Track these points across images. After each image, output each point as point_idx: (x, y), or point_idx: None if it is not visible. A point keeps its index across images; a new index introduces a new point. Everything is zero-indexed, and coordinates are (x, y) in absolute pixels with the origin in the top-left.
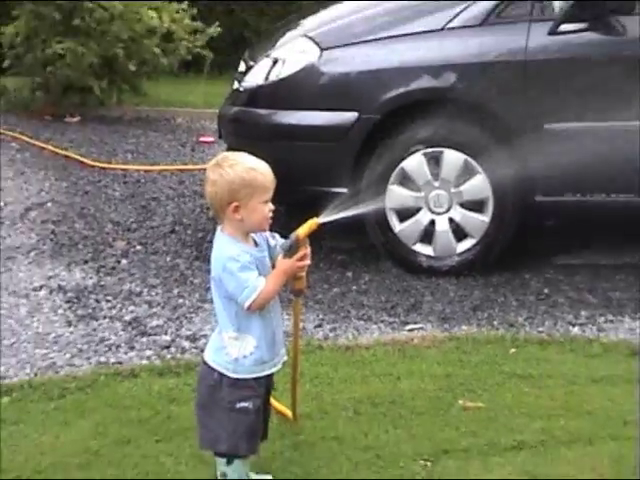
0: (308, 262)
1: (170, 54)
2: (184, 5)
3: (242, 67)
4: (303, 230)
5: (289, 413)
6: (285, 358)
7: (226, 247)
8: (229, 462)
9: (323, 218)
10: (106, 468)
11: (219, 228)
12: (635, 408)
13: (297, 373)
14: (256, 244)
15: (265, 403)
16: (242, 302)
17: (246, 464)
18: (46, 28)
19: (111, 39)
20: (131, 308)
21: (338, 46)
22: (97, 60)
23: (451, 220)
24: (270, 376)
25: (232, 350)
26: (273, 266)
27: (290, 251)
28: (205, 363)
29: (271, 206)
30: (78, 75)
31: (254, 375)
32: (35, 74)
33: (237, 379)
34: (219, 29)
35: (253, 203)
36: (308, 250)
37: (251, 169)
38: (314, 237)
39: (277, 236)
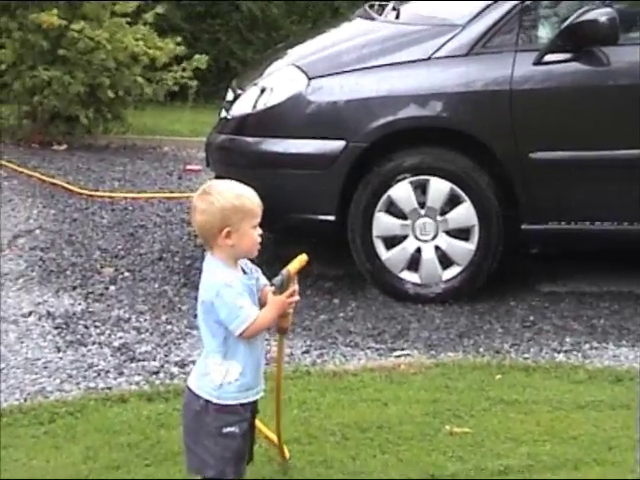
0: (297, 298)
1: (155, 84)
2: (168, 39)
3: (230, 95)
4: (293, 266)
5: (274, 438)
6: (263, 385)
7: (219, 273)
8: None
9: None
10: None
11: (208, 254)
12: (620, 434)
13: (280, 416)
14: (244, 272)
15: (251, 426)
16: (235, 329)
17: None
18: (33, 56)
19: (97, 67)
20: (120, 334)
21: (325, 75)
22: (83, 89)
23: (437, 248)
24: (255, 400)
25: (217, 376)
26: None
27: (282, 287)
28: (189, 389)
29: (259, 231)
30: (65, 104)
31: (239, 401)
32: (22, 102)
33: (223, 405)
34: (206, 58)
35: (244, 228)
36: (297, 287)
37: (240, 195)
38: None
39: (259, 271)
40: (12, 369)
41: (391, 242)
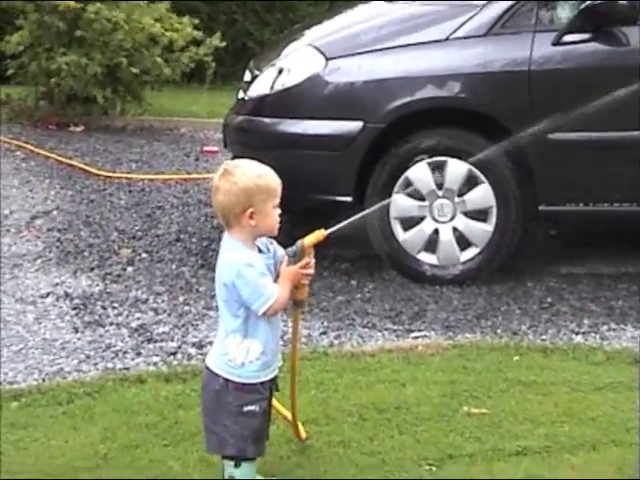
0: (311, 271)
1: (172, 63)
2: (185, 18)
3: (247, 76)
4: (309, 239)
5: (289, 415)
6: (280, 363)
7: (240, 253)
8: (237, 465)
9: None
10: (114, 472)
11: (227, 234)
12: (637, 415)
13: (295, 391)
14: (260, 250)
15: (268, 404)
16: (258, 308)
17: (253, 466)
18: (50, 38)
19: (114, 49)
20: (137, 315)
21: (343, 56)
22: (100, 70)
23: (455, 229)
24: (274, 378)
25: (238, 355)
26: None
27: (294, 258)
28: (208, 369)
29: (279, 211)
30: (82, 86)
31: (259, 380)
32: (39, 83)
33: (243, 384)
34: (220, 41)
35: (267, 208)
36: (312, 260)
37: (262, 175)
38: (319, 245)
39: (275, 242)
40: (30, 350)
41: (409, 223)
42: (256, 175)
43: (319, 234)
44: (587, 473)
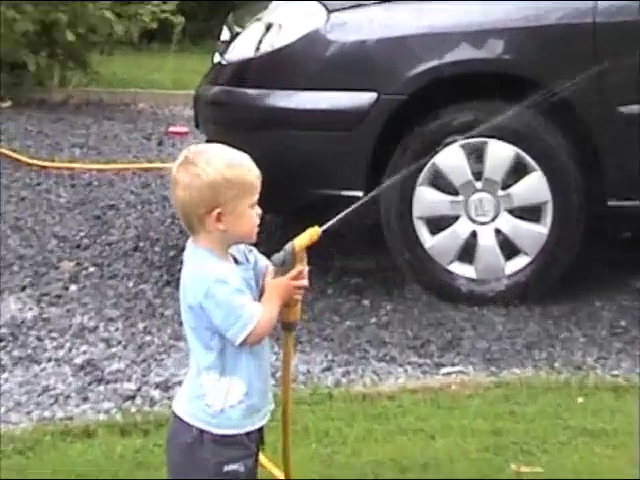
0: (305, 283)
1: (128, 20)
2: None
3: (226, 35)
4: (300, 240)
5: (281, 476)
6: (272, 406)
7: (208, 266)
8: None
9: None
10: None
11: (191, 241)
12: None
13: (288, 438)
14: (236, 261)
15: (255, 460)
16: (235, 336)
17: None
18: None
19: (51, 0)
20: (83, 348)
21: (350, 7)
22: (33, 28)
23: (498, 232)
24: (261, 427)
25: (215, 399)
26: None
27: (284, 266)
28: (177, 417)
29: (258, 210)
30: (8, 47)
31: (245, 430)
32: None
33: (223, 435)
34: None
35: (240, 207)
36: (306, 268)
37: (234, 164)
38: (318, 254)
39: (255, 250)
40: None
41: (437, 225)
42: (225, 164)
43: (313, 233)
44: None
